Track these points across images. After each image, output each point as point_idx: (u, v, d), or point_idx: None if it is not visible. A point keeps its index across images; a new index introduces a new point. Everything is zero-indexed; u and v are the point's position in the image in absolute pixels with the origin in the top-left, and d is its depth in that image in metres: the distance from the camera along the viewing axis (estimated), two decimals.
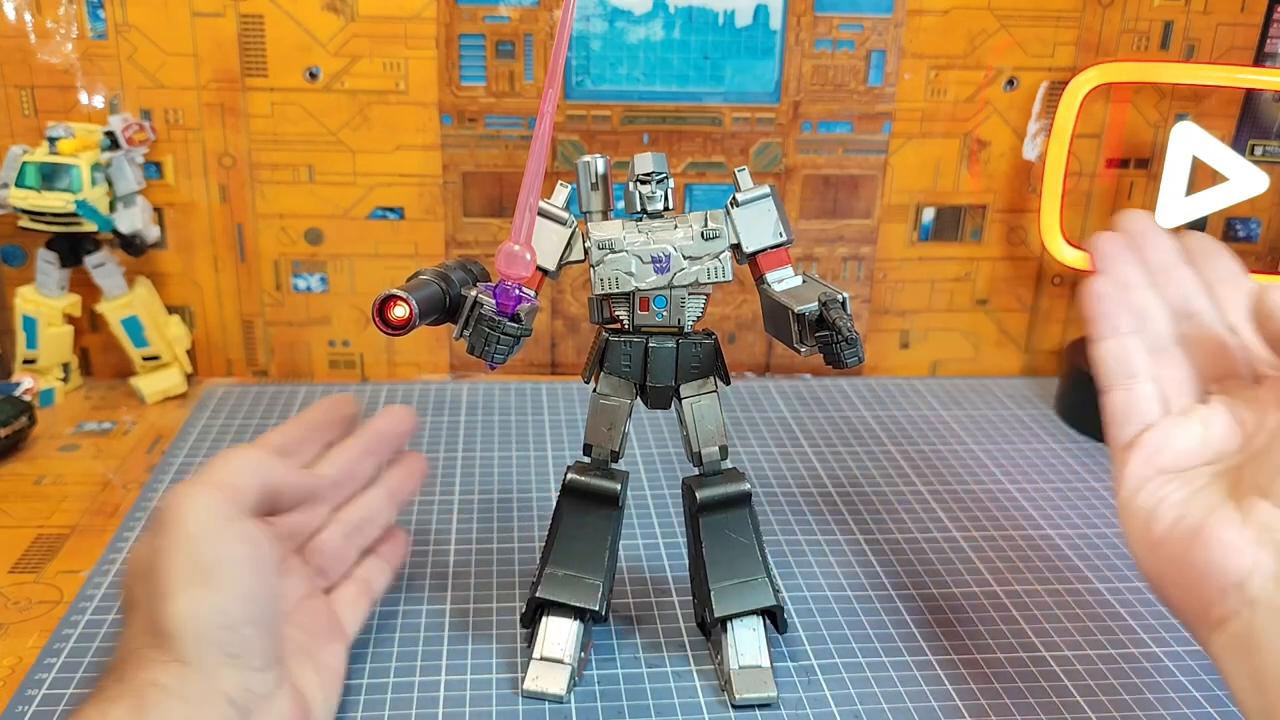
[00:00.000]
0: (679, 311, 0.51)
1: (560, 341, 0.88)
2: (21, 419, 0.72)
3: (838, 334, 0.46)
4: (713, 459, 0.52)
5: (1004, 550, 0.64)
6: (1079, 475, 0.73)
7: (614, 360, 0.51)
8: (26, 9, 0.76)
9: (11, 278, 0.81)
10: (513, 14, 0.79)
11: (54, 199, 0.74)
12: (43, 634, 0.54)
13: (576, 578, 0.51)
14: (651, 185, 0.50)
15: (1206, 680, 0.53)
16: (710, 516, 0.52)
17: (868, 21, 0.81)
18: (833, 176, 0.85)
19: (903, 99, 0.83)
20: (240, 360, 0.86)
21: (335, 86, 0.79)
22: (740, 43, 0.80)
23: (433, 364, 0.88)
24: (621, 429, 0.52)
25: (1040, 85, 0.84)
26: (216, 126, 0.80)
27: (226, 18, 0.77)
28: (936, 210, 0.87)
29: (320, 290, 0.84)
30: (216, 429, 0.76)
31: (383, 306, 0.45)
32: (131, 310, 0.79)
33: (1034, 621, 0.57)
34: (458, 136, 0.81)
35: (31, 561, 0.60)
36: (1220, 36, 0.84)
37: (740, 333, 0.89)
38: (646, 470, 0.72)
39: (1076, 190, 0.87)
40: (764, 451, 0.75)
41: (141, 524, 0.63)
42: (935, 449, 0.77)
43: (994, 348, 0.91)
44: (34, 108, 0.78)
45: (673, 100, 0.82)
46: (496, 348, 0.46)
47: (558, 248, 0.50)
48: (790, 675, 0.52)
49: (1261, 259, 0.90)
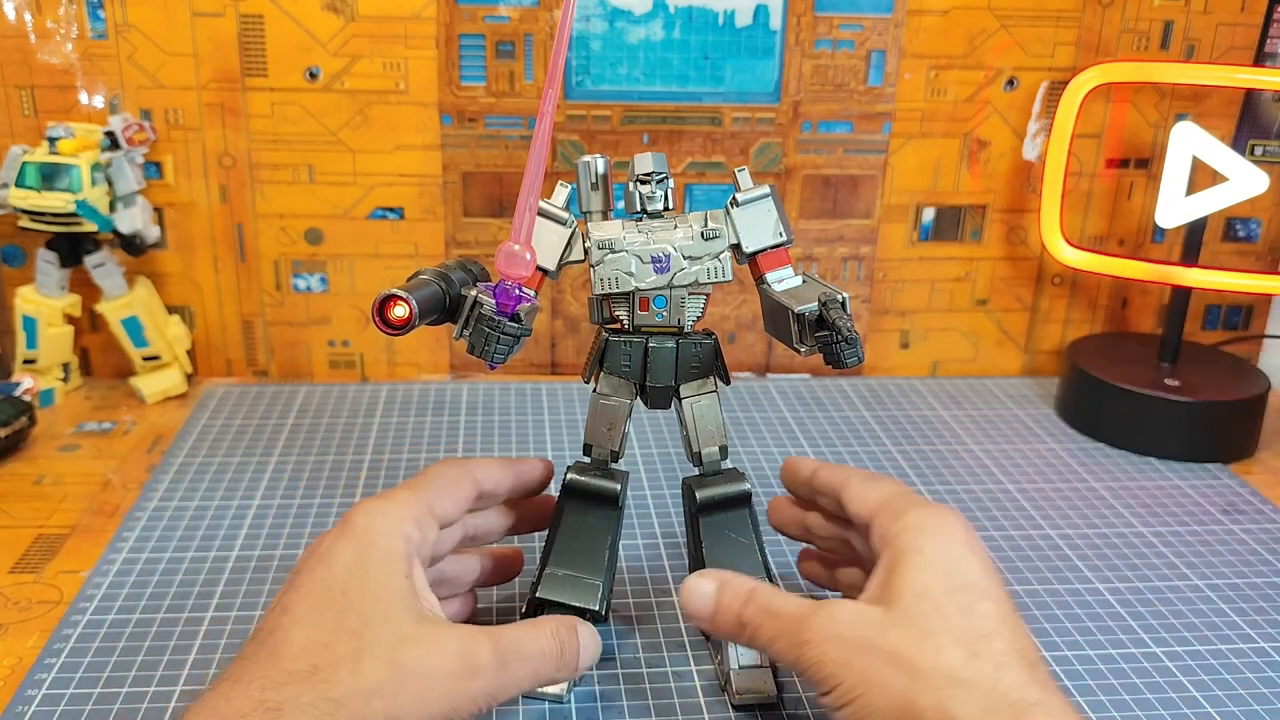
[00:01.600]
0: (679, 311, 0.51)
1: (560, 341, 0.88)
2: (21, 419, 0.72)
3: (837, 334, 0.46)
4: (713, 459, 0.52)
5: (1004, 550, 0.64)
6: (1079, 475, 0.73)
7: (614, 360, 0.51)
8: (26, 9, 0.76)
9: (11, 278, 0.81)
10: (513, 14, 0.79)
11: (54, 199, 0.74)
12: (43, 634, 0.54)
13: (576, 577, 0.51)
14: (651, 185, 0.50)
15: (1206, 680, 0.53)
16: (710, 516, 0.52)
17: (868, 21, 0.81)
18: (833, 176, 0.85)
19: (903, 99, 0.83)
20: (240, 360, 0.86)
21: (335, 86, 0.79)
22: (740, 43, 0.80)
23: (433, 364, 0.88)
24: (621, 429, 0.52)
25: (1040, 85, 0.84)
26: (216, 126, 0.79)
27: (226, 18, 0.77)
28: (936, 210, 0.87)
29: (320, 290, 0.84)
30: (216, 429, 0.76)
31: (382, 306, 0.45)
32: (131, 310, 0.79)
33: (1034, 621, 0.57)
34: (458, 136, 0.81)
35: (31, 561, 0.60)
36: (1220, 36, 0.84)
37: (740, 333, 0.89)
38: (646, 470, 0.72)
39: (1076, 190, 0.87)
40: (764, 451, 0.75)
41: (142, 524, 0.63)
42: (935, 449, 0.76)
43: (994, 348, 0.91)
44: (34, 108, 0.78)
45: (673, 100, 0.82)
46: (496, 347, 0.46)
47: (558, 248, 0.50)
48: (790, 675, 0.52)
49: (1261, 259, 0.90)
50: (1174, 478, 0.74)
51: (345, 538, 0.45)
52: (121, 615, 0.55)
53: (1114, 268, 0.81)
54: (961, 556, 0.44)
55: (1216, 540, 0.66)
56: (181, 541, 0.62)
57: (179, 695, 0.49)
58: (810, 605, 0.44)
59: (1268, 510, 0.70)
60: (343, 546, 0.45)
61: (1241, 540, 0.66)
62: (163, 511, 0.65)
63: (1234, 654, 0.55)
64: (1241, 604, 0.59)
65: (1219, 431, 0.76)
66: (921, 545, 0.44)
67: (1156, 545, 0.65)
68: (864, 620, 0.43)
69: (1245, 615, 0.58)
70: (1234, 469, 0.75)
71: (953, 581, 0.43)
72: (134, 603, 0.56)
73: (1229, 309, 0.92)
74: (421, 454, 0.73)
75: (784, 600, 0.45)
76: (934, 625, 0.41)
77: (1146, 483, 0.73)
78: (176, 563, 0.60)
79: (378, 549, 0.45)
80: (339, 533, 0.45)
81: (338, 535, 0.45)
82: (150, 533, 0.63)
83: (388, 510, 0.46)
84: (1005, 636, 0.41)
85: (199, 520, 0.64)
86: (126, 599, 0.56)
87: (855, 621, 0.43)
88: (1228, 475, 0.74)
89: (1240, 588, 0.61)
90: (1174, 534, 0.66)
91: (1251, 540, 0.66)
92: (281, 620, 0.42)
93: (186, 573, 0.59)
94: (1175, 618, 0.58)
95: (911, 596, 0.43)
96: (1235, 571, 0.62)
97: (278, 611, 0.43)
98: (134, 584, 0.58)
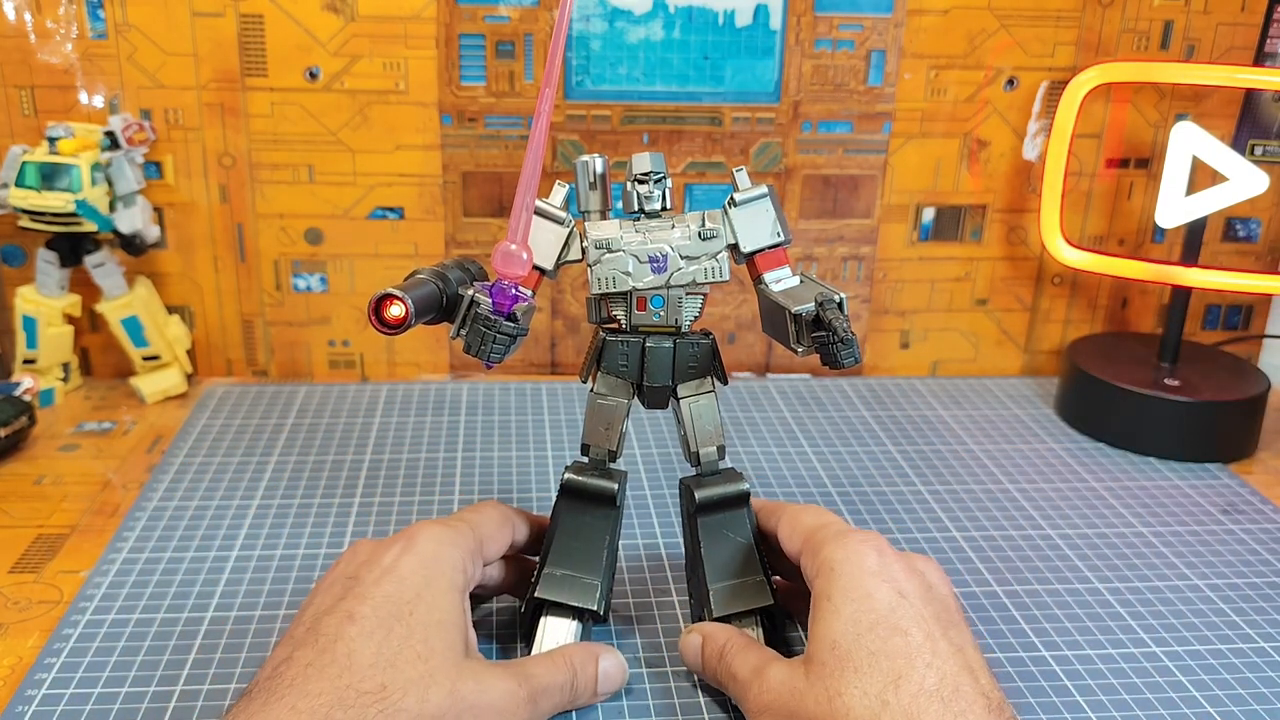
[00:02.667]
0: (676, 311, 0.51)
1: (560, 341, 0.88)
2: (21, 419, 0.72)
3: (833, 334, 0.46)
4: (710, 459, 0.52)
5: (1004, 550, 0.64)
6: (1079, 475, 0.73)
7: (611, 360, 0.51)
8: (26, 9, 0.76)
9: (11, 278, 0.81)
10: (513, 14, 0.79)
11: (54, 199, 0.74)
12: (43, 634, 0.54)
13: (575, 577, 0.51)
14: (649, 185, 0.50)
15: (1206, 680, 0.53)
16: (708, 517, 0.52)
17: (868, 21, 0.81)
18: (833, 176, 0.85)
19: (903, 99, 0.83)
20: (240, 360, 0.86)
21: (335, 86, 0.79)
22: (740, 43, 0.80)
23: (433, 364, 0.88)
24: (619, 429, 0.52)
25: (1040, 85, 0.84)
26: (216, 126, 0.80)
27: (226, 18, 0.77)
28: (936, 210, 0.87)
29: (320, 290, 0.84)
30: (216, 429, 0.76)
31: (378, 305, 0.45)
32: (131, 310, 0.79)
33: (1034, 621, 0.57)
34: (458, 136, 0.81)
35: (31, 561, 0.60)
36: (1220, 36, 0.84)
37: (740, 333, 0.89)
38: (646, 470, 0.72)
39: (1076, 190, 0.87)
40: (764, 451, 0.75)
41: (142, 524, 0.64)
42: (935, 449, 0.76)
43: (994, 348, 0.91)
44: (34, 108, 0.78)
45: (672, 100, 0.82)
46: (493, 347, 0.46)
47: (555, 247, 0.50)
48: None
49: (1261, 259, 0.90)
50: (1174, 478, 0.74)
51: (412, 557, 0.45)
52: (121, 615, 0.55)
53: (1114, 268, 0.81)
54: (872, 591, 0.44)
55: (1216, 540, 0.66)
56: (181, 541, 0.62)
57: (179, 695, 0.49)
58: (754, 669, 0.46)
59: (1268, 510, 0.70)
60: (411, 566, 0.45)
61: (1241, 540, 0.66)
62: (163, 511, 0.65)
63: (1234, 654, 0.55)
64: (1241, 604, 0.59)
65: (1219, 431, 0.76)
66: (831, 590, 0.44)
67: (1156, 545, 0.65)
68: (789, 686, 0.44)
69: (1245, 615, 0.58)
70: (1234, 469, 0.75)
71: (861, 624, 0.43)
72: (134, 603, 0.56)
73: (1229, 309, 0.92)
74: (421, 454, 0.73)
75: (742, 660, 0.47)
76: (842, 682, 0.42)
77: (1146, 483, 0.73)
78: (176, 563, 0.60)
79: (443, 577, 0.46)
80: (404, 549, 0.46)
81: (403, 552, 0.46)
82: (150, 533, 0.63)
83: (454, 541, 0.47)
84: (918, 673, 0.41)
85: (199, 520, 0.64)
86: (126, 599, 0.56)
87: (781, 688, 0.44)
88: (1227, 475, 0.74)
89: (1240, 588, 0.61)
90: (1174, 534, 0.66)
91: (1251, 540, 0.66)
92: (349, 629, 0.42)
93: (186, 573, 0.59)
94: (1175, 618, 0.58)
95: (824, 651, 0.43)
96: (1235, 571, 0.62)
97: (342, 617, 0.43)
98: (134, 584, 0.58)
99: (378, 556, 0.46)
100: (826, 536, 0.47)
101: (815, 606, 0.45)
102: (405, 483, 0.69)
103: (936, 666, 0.41)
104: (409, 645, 0.42)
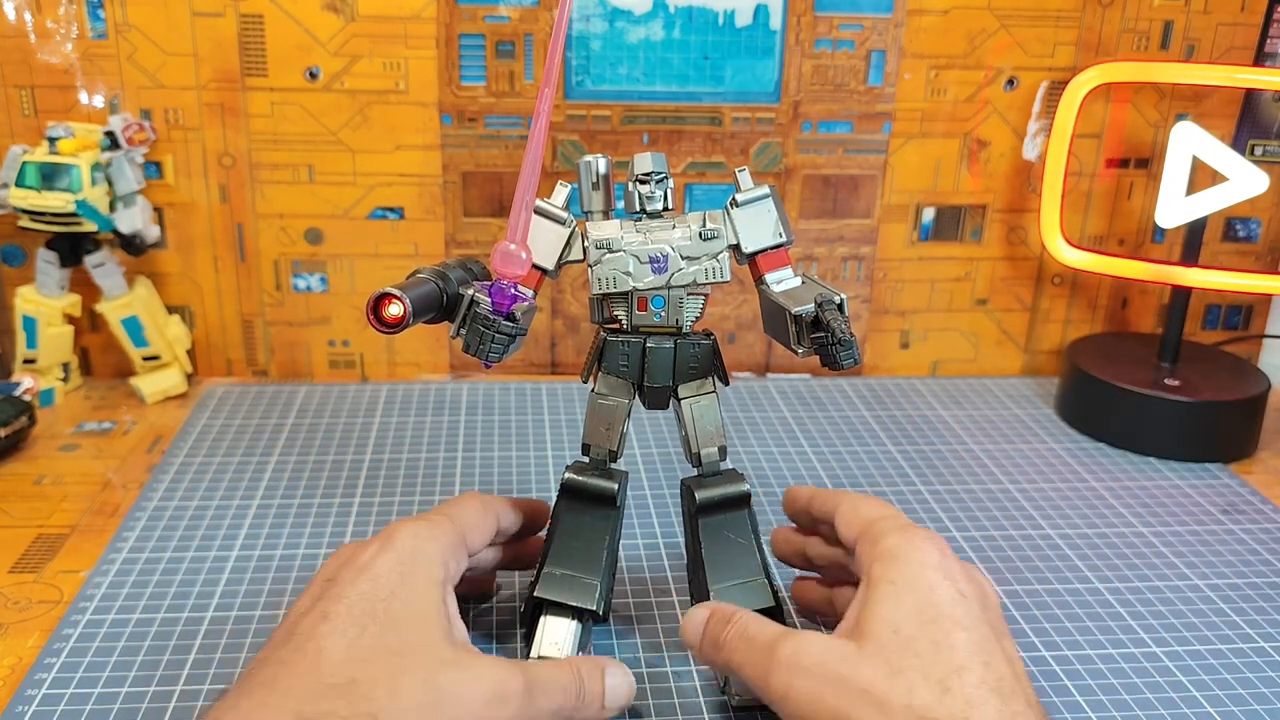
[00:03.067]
0: (677, 312, 0.51)
1: (560, 341, 0.88)
2: (21, 419, 0.72)
3: (832, 336, 0.46)
4: (712, 459, 0.52)
5: (1004, 550, 0.64)
6: (1079, 475, 0.73)
7: (612, 360, 0.51)
8: (26, 9, 0.76)
9: (11, 278, 0.81)
10: (513, 14, 0.79)
11: (54, 199, 0.74)
12: (43, 634, 0.54)
13: (574, 577, 0.51)
14: (650, 185, 0.50)
15: (1207, 680, 0.53)
16: (709, 517, 0.52)
17: (868, 21, 0.81)
18: (833, 176, 0.85)
19: (903, 99, 0.83)
20: (240, 360, 0.86)
21: (335, 86, 0.79)
22: (740, 43, 0.80)
23: (433, 364, 0.88)
24: (620, 429, 0.52)
25: (1040, 85, 0.84)
26: (216, 126, 0.80)
27: (226, 18, 0.77)
28: (936, 210, 0.87)
29: (320, 290, 0.84)
30: (216, 429, 0.76)
31: (377, 304, 0.45)
32: (131, 310, 0.79)
33: (1034, 621, 0.57)
34: (458, 136, 0.81)
35: (31, 561, 0.60)
36: (1220, 36, 0.84)
37: (740, 333, 0.89)
38: (646, 470, 0.72)
39: (1076, 190, 0.87)
40: (764, 451, 0.75)
41: (142, 524, 0.64)
42: (935, 449, 0.76)
43: (994, 348, 0.91)
44: (34, 108, 0.78)
45: (673, 100, 0.82)
46: (492, 346, 0.46)
47: (556, 247, 0.50)
48: None
49: (1261, 259, 0.90)
50: (1174, 477, 0.74)
51: (389, 555, 0.45)
52: (121, 615, 0.55)
53: (1114, 268, 0.81)
54: (935, 585, 0.44)
55: (1216, 540, 0.66)
56: (181, 541, 0.62)
57: (179, 695, 0.49)
58: (783, 633, 0.45)
59: (1268, 510, 0.70)
60: (387, 563, 0.45)
61: (1241, 540, 0.66)
62: (163, 511, 0.65)
63: (1234, 654, 0.55)
64: (1241, 604, 0.59)
65: (1219, 431, 0.76)
66: (894, 576, 0.44)
67: (1156, 545, 0.65)
68: (836, 655, 0.43)
69: (1245, 615, 0.58)
70: (1234, 469, 0.75)
71: (925, 614, 0.43)
72: (134, 603, 0.56)
73: (1229, 309, 0.92)
74: (421, 454, 0.73)
75: (760, 626, 0.46)
76: (905, 662, 0.41)
77: (1146, 482, 0.73)
78: (176, 563, 0.60)
79: (421, 572, 0.45)
80: (381, 548, 0.46)
81: (380, 550, 0.46)
82: (150, 533, 0.63)
83: (433, 535, 0.47)
84: (978, 669, 0.41)
85: (199, 520, 0.64)
86: (126, 599, 0.56)
87: (827, 655, 0.43)
88: (1227, 475, 0.74)
89: (1240, 588, 0.61)
90: (1174, 534, 0.66)
91: (1251, 540, 0.66)
92: (321, 627, 0.42)
93: (186, 573, 0.59)
94: (1175, 618, 0.58)
95: (884, 631, 0.43)
96: (1235, 571, 0.62)
97: (316, 617, 0.43)
98: (134, 584, 0.58)
99: (355, 556, 0.46)
100: (890, 527, 0.47)
101: (873, 588, 0.44)
102: (405, 483, 0.69)
103: (994, 667, 0.41)
104: (382, 641, 0.42)
